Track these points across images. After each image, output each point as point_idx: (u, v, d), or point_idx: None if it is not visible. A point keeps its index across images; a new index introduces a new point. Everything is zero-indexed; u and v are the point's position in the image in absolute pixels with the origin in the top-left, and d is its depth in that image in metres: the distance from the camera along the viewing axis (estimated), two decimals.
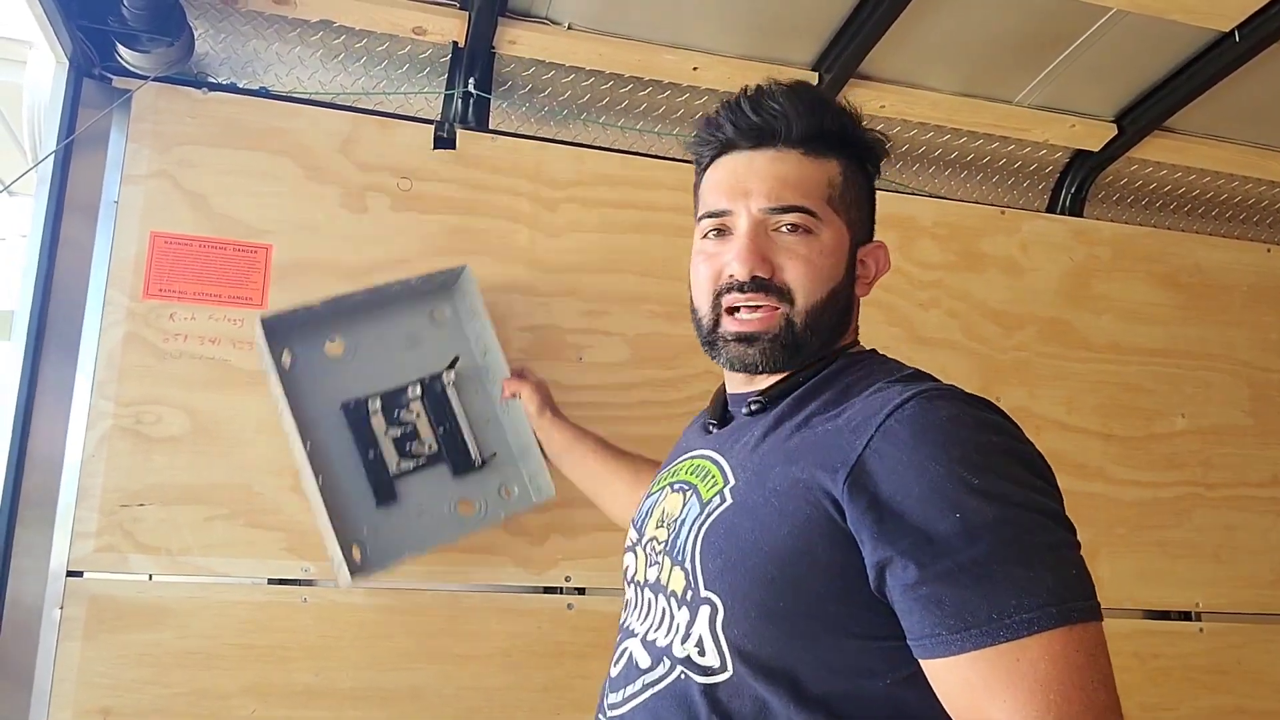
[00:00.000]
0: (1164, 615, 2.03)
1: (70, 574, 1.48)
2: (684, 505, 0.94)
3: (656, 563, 0.95)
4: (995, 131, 2.05)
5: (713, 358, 1.02)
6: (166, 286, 1.59)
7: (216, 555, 1.54)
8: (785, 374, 0.97)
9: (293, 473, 1.58)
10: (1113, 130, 2.05)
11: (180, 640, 1.51)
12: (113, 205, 1.59)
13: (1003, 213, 2.10)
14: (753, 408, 0.97)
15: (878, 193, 1.11)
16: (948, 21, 1.78)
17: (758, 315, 0.95)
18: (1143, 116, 2.01)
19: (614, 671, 0.98)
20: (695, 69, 1.83)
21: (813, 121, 0.97)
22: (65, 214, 1.58)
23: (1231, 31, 1.77)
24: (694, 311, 1.04)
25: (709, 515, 0.89)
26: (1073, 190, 2.17)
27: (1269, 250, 2.28)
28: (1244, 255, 2.26)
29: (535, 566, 1.69)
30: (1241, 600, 2.08)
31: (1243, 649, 2.05)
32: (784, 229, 0.96)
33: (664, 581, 0.92)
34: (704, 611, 0.85)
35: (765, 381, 0.99)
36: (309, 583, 1.58)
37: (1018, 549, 0.71)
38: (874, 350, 1.03)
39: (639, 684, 0.91)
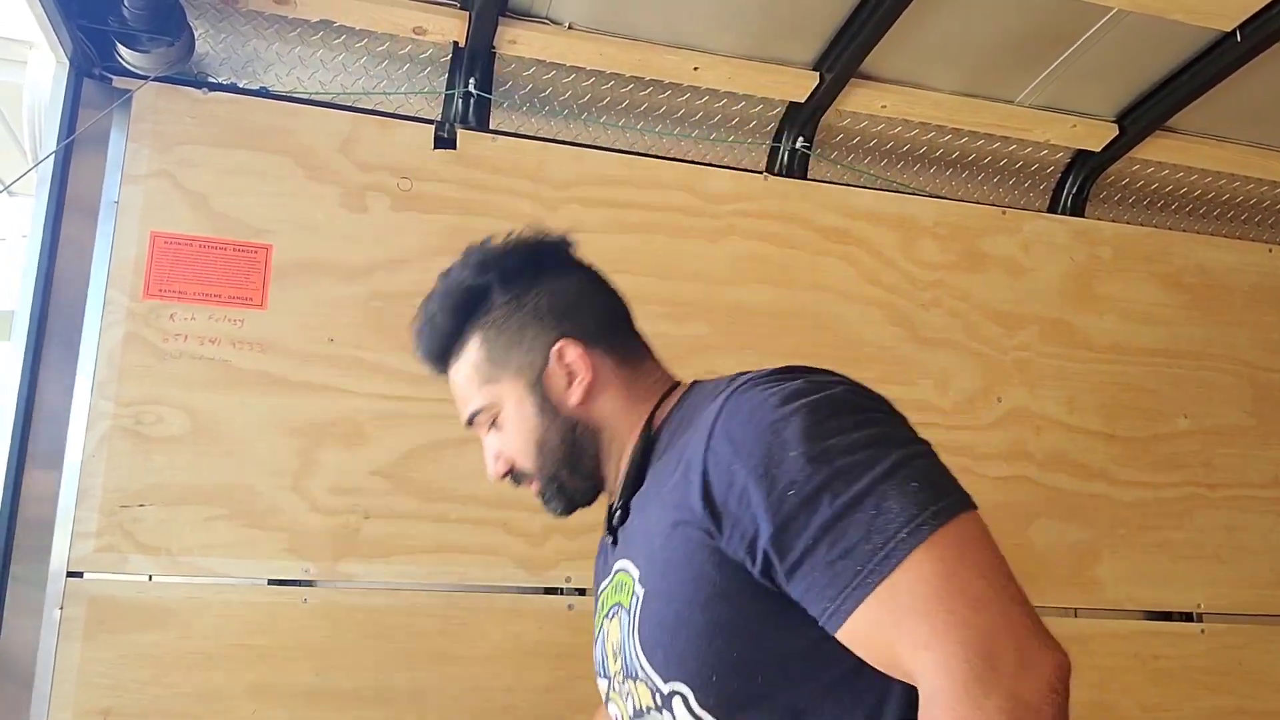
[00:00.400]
0: (1165, 616, 2.03)
1: (70, 574, 1.48)
2: (620, 626, 0.94)
3: (629, 693, 0.92)
4: (996, 131, 2.05)
5: None
6: (167, 286, 1.59)
7: (217, 556, 1.54)
8: (620, 474, 0.99)
9: (293, 473, 1.58)
10: (1114, 130, 2.05)
11: (180, 641, 1.51)
12: (113, 205, 1.59)
13: (1004, 213, 2.10)
14: (614, 520, 0.99)
15: (878, 193, 1.10)
16: (949, 21, 1.78)
17: (529, 489, 1.03)
18: (1144, 116, 2.01)
19: None
20: (696, 69, 1.83)
21: (434, 341, 1.01)
22: (65, 214, 1.58)
23: (1233, 31, 1.76)
24: None
25: (634, 618, 0.89)
26: (1074, 190, 2.17)
27: (1270, 250, 2.28)
28: (1246, 255, 2.26)
29: (536, 567, 1.69)
30: (1243, 601, 2.08)
31: (1244, 650, 2.05)
32: (483, 431, 1.03)
33: (640, 704, 0.90)
34: (678, 703, 0.84)
35: (620, 484, 1.00)
36: (309, 583, 1.58)
37: (853, 497, 0.71)
38: (694, 382, 1.02)
39: None
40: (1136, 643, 1.98)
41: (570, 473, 0.99)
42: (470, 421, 1.02)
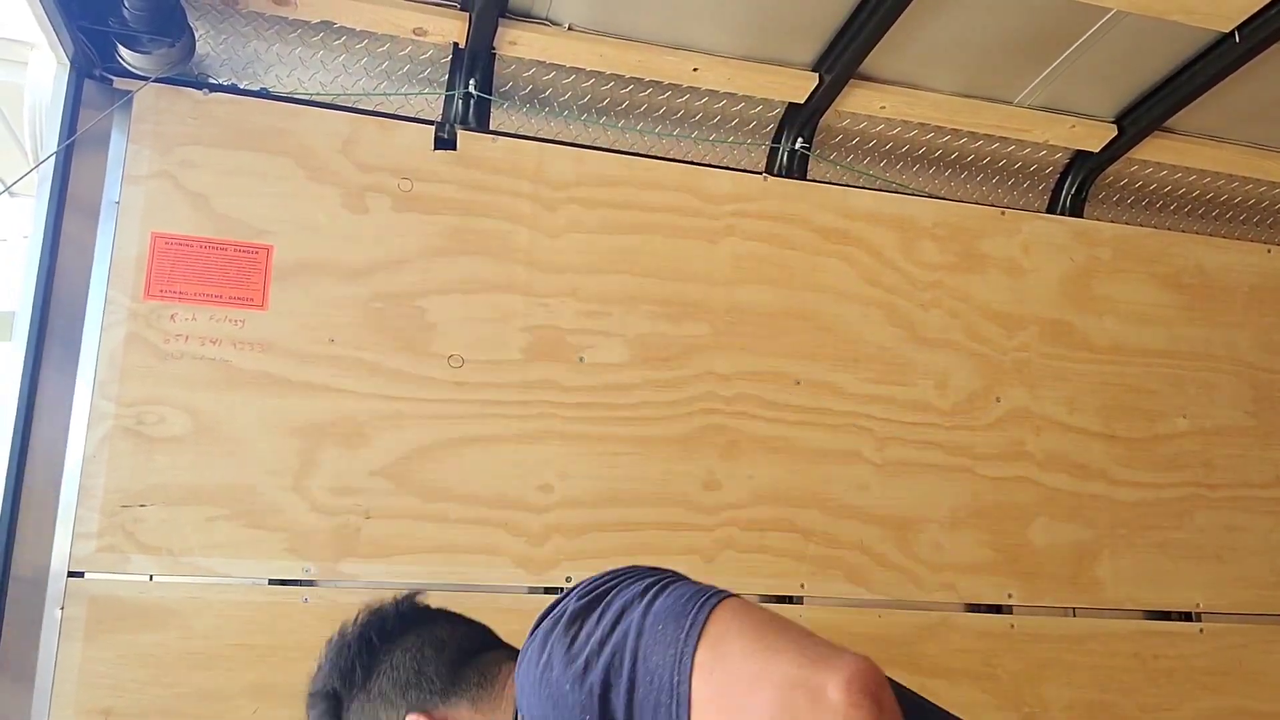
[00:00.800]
0: (1165, 616, 2.03)
1: (71, 574, 1.49)
2: None
3: None
4: (996, 132, 2.05)
5: None
6: (167, 287, 1.60)
7: (218, 556, 1.55)
8: None
9: (293, 473, 1.59)
10: (1113, 131, 2.05)
11: (181, 640, 1.51)
12: (114, 206, 1.60)
13: (1003, 213, 2.10)
14: None
15: (878, 194, 1.11)
16: (948, 23, 1.78)
17: None
18: (1143, 117, 2.01)
19: None
20: (695, 70, 1.83)
21: None
22: (66, 214, 1.59)
23: (1232, 32, 1.77)
24: None
25: None
26: (1073, 191, 2.17)
27: (1270, 251, 2.28)
28: (1245, 256, 2.26)
29: (535, 567, 1.69)
30: (1242, 601, 2.08)
31: (1243, 650, 2.05)
32: None
33: None
34: None
35: None
36: (310, 583, 1.58)
37: (626, 682, 0.69)
38: None
39: None
40: (1136, 642, 1.98)
41: None
42: None
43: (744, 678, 0.65)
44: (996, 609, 1.91)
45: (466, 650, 1.05)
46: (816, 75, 1.86)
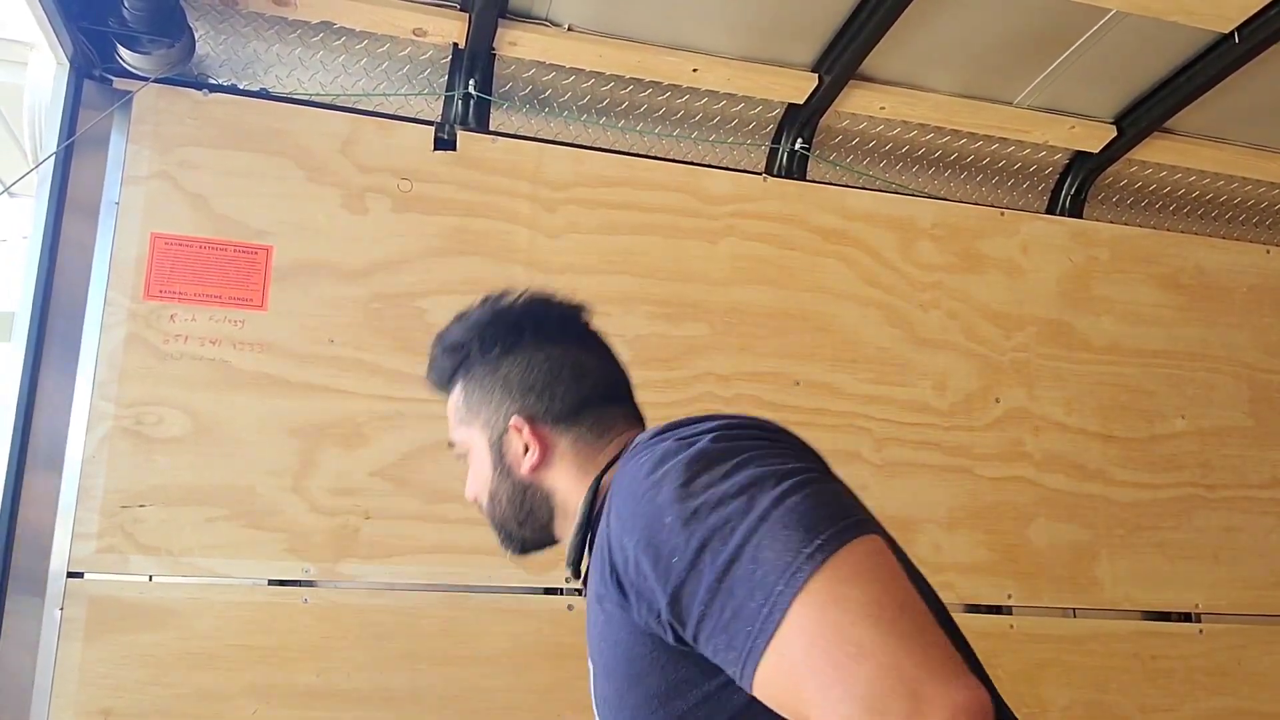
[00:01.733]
0: (1164, 616, 2.03)
1: (71, 575, 1.49)
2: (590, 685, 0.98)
3: None
4: (995, 133, 2.05)
5: None
6: (167, 287, 1.60)
7: (217, 556, 1.55)
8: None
9: (293, 473, 1.59)
10: (1112, 132, 2.05)
11: (181, 641, 1.51)
12: (113, 206, 1.60)
13: (1002, 214, 2.10)
14: (580, 586, 1.04)
15: (877, 194, 1.11)
16: (948, 23, 1.78)
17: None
18: (1142, 118, 2.01)
19: None
20: (695, 70, 1.83)
21: (433, 368, 1.08)
22: (66, 215, 1.59)
23: (1231, 33, 1.77)
24: None
25: (592, 688, 0.94)
26: (1072, 192, 2.18)
27: (1269, 251, 2.29)
28: (1244, 256, 2.26)
29: (535, 567, 1.68)
30: (1241, 601, 2.08)
31: (1243, 650, 2.05)
32: (460, 459, 1.09)
33: None
34: None
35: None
36: (309, 583, 1.58)
37: (730, 553, 0.69)
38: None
39: None
40: (1135, 643, 1.99)
41: (519, 525, 1.05)
42: (451, 445, 1.09)
43: (853, 638, 0.62)
44: (995, 609, 1.91)
45: (600, 392, 1.05)
46: (816, 76, 1.87)
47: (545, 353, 1.02)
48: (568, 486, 1.01)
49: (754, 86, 1.89)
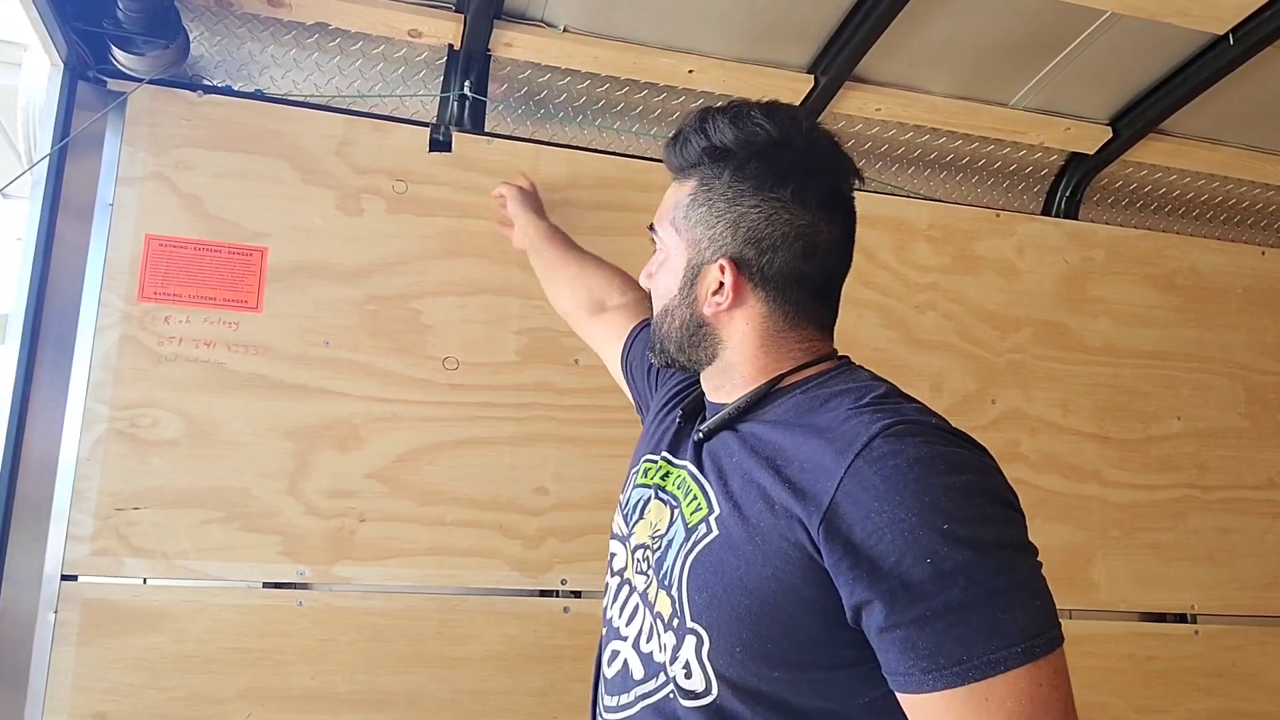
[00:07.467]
0: (1159, 617, 2.03)
1: (65, 578, 1.48)
2: (670, 524, 0.96)
3: (644, 573, 0.98)
4: (991, 134, 2.06)
5: None
6: (162, 289, 1.59)
7: (212, 559, 1.54)
8: (727, 403, 0.99)
9: (288, 476, 1.58)
10: (1108, 133, 2.05)
11: (175, 644, 1.51)
12: (108, 208, 1.59)
13: (998, 215, 2.10)
14: (696, 437, 1.01)
15: (872, 195, 1.11)
16: (943, 25, 1.78)
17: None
18: (1138, 119, 2.01)
19: (608, 673, 1.01)
20: (690, 72, 1.83)
21: (681, 151, 0.99)
22: (60, 216, 1.58)
23: (1226, 34, 1.77)
24: None
25: (695, 545, 0.90)
26: (1068, 193, 2.18)
27: (1264, 253, 2.29)
28: (1239, 258, 2.27)
29: (531, 570, 1.69)
30: (1237, 603, 2.08)
31: (1238, 651, 2.06)
32: (652, 245, 1.04)
33: (651, 600, 0.95)
34: (690, 640, 0.88)
35: (718, 398, 1.01)
36: (304, 586, 1.58)
37: (987, 591, 0.73)
38: (839, 367, 0.98)
39: (633, 695, 0.95)
40: (1130, 644, 1.99)
41: (677, 350, 1.01)
42: (650, 228, 1.04)
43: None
44: None
45: (817, 281, 0.97)
46: (812, 77, 1.86)
47: (791, 214, 0.93)
48: (739, 350, 0.98)
49: (750, 88, 1.88)
